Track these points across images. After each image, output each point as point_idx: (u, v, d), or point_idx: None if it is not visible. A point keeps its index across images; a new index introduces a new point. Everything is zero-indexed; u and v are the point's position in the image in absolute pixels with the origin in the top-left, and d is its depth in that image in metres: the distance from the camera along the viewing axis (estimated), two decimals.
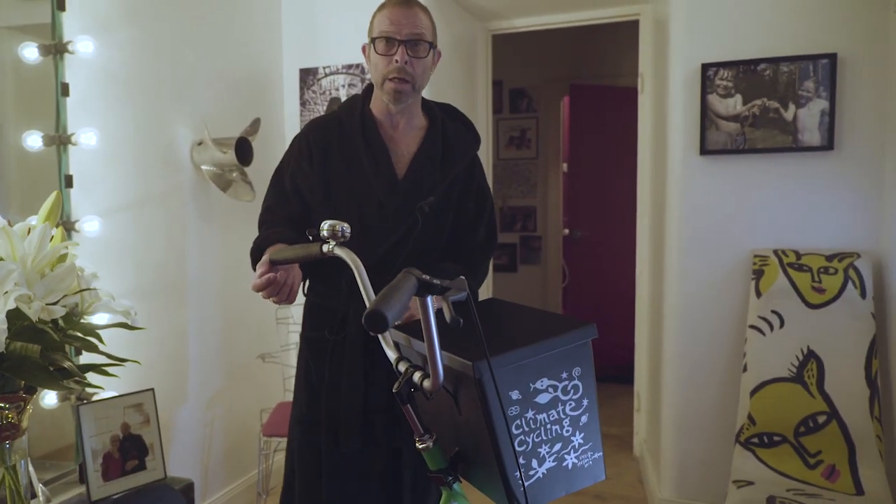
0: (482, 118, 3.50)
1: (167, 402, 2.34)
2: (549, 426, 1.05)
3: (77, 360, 1.57)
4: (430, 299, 0.93)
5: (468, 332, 0.97)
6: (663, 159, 2.69)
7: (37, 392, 1.43)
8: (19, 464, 1.39)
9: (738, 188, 2.42)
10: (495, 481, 1.04)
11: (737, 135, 2.39)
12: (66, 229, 1.87)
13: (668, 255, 2.58)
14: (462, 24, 3.26)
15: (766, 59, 2.34)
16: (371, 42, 1.49)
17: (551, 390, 1.04)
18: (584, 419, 1.07)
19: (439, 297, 0.96)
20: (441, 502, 1.11)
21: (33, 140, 1.83)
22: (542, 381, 1.03)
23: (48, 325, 1.35)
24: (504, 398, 0.99)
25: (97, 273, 1.46)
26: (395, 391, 1.06)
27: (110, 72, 2.04)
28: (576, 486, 1.09)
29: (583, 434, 1.08)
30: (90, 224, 1.91)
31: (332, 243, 1.18)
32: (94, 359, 1.49)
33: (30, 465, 1.47)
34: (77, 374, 1.39)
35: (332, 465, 1.51)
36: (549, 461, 1.05)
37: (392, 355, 1.11)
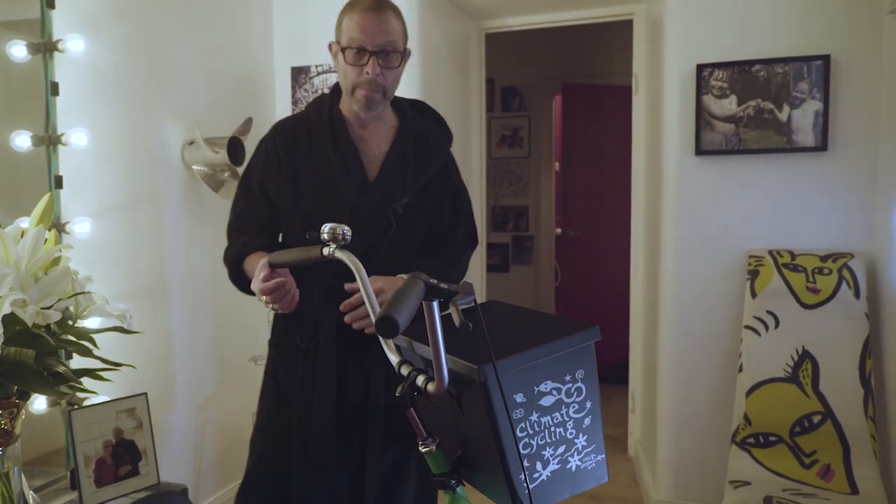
0: (475, 117, 3.51)
1: (158, 406, 2.33)
2: (552, 429, 1.06)
3: (68, 365, 1.56)
4: (435, 303, 0.94)
5: (471, 334, 0.98)
6: (658, 159, 2.72)
7: (30, 398, 1.43)
8: (13, 471, 1.38)
9: (733, 189, 2.45)
10: (499, 484, 1.05)
11: (731, 135, 2.42)
12: (56, 231, 1.85)
13: (663, 255, 2.61)
14: (455, 22, 3.27)
15: (761, 60, 2.37)
16: (340, 48, 1.44)
17: (555, 393, 1.06)
18: (587, 421, 1.09)
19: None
20: None
21: (22, 140, 1.82)
22: (545, 384, 1.05)
23: (43, 330, 1.35)
24: (508, 401, 1.00)
25: (91, 276, 1.45)
26: (398, 395, 1.07)
27: (100, 71, 2.03)
28: (579, 489, 1.11)
29: (586, 436, 1.09)
30: (81, 226, 1.90)
31: (333, 246, 1.19)
32: (87, 363, 1.49)
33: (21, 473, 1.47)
34: (72, 378, 1.39)
35: (300, 475, 1.50)
36: (553, 463, 1.07)
37: (394, 359, 1.12)
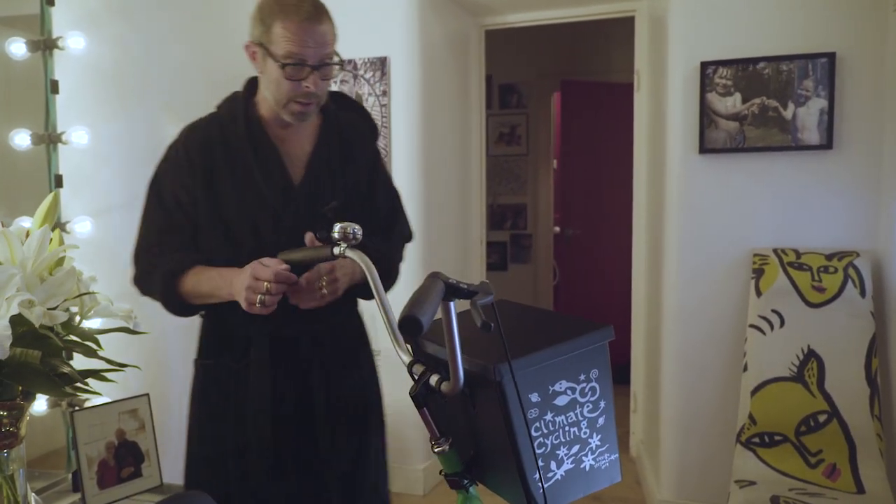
0: (475, 115, 3.52)
1: (158, 407, 2.32)
2: (567, 428, 1.07)
3: (73, 366, 1.56)
4: (452, 304, 0.95)
5: (483, 334, 1.00)
6: (661, 158, 2.74)
7: (34, 398, 1.43)
8: (17, 473, 1.38)
9: (737, 187, 2.48)
10: (513, 484, 1.06)
11: (736, 133, 2.44)
12: (60, 231, 1.85)
13: (666, 254, 2.63)
14: (455, 19, 3.28)
15: (766, 58, 2.39)
16: (270, 57, 1.34)
17: (569, 392, 1.07)
18: (601, 421, 1.10)
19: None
20: None
21: (21, 139, 1.82)
22: (560, 384, 1.06)
23: (49, 331, 1.35)
24: (524, 400, 1.01)
25: (95, 276, 1.45)
26: (411, 394, 1.08)
27: (100, 68, 2.03)
28: (593, 488, 1.12)
29: (600, 436, 1.10)
30: (82, 225, 1.90)
31: (344, 245, 1.19)
32: (90, 364, 1.49)
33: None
34: (78, 379, 1.39)
35: (243, 501, 1.45)
36: (568, 463, 1.08)
37: (406, 359, 1.13)
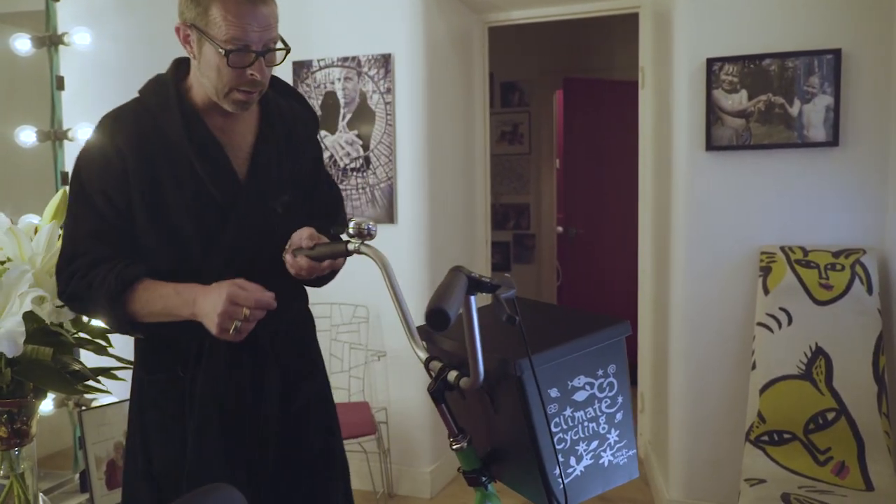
0: (479, 112, 3.54)
1: None
2: (586, 424, 1.09)
3: (84, 363, 1.57)
4: (473, 298, 0.96)
5: (503, 328, 1.01)
6: (667, 155, 2.76)
7: (45, 396, 1.44)
8: (28, 471, 1.40)
9: (743, 184, 2.50)
10: (532, 480, 1.07)
11: (742, 130, 2.47)
12: None
13: (673, 252, 2.65)
14: (458, 16, 3.29)
15: (772, 55, 2.42)
16: (207, 40, 1.22)
17: (588, 388, 1.08)
18: (618, 416, 1.12)
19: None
20: (475, 502, 1.15)
21: (27, 135, 1.83)
22: (579, 379, 1.07)
23: (60, 328, 1.36)
24: (543, 396, 1.02)
25: None
26: (429, 390, 1.10)
27: (105, 64, 2.04)
28: (611, 484, 1.13)
29: (618, 431, 1.12)
30: None
31: (358, 241, 1.20)
32: (97, 362, 1.50)
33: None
34: (90, 376, 1.41)
35: None
36: (587, 459, 1.09)
37: (422, 355, 1.15)
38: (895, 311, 2.32)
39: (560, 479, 1.05)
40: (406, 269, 2.90)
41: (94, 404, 1.81)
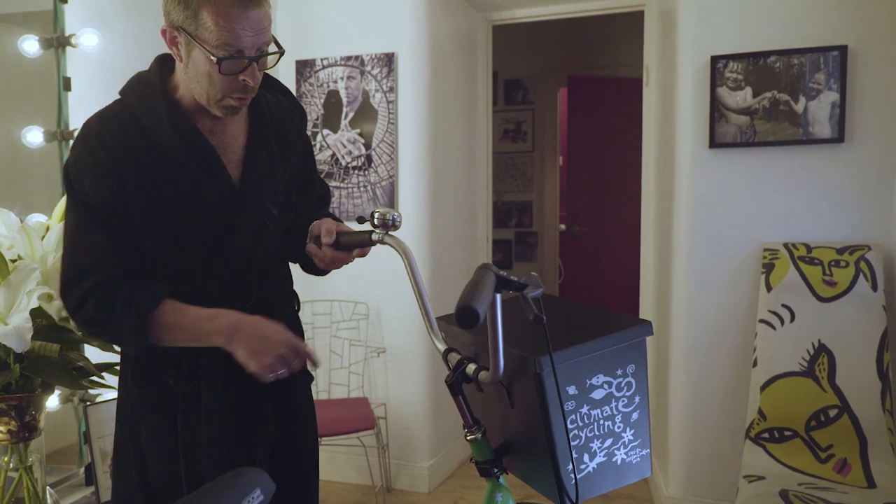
0: (482, 111, 3.57)
1: None
2: (601, 421, 1.11)
3: (89, 360, 1.62)
4: (499, 295, 0.98)
5: (523, 324, 1.02)
6: (671, 153, 2.78)
7: (52, 391, 1.49)
8: (37, 464, 1.44)
9: (747, 181, 2.52)
10: (544, 474, 1.10)
11: (746, 128, 2.49)
12: None
13: (675, 249, 2.68)
14: (462, 14, 3.33)
15: (776, 52, 2.44)
16: (196, 44, 1.18)
17: (606, 386, 1.10)
18: (635, 416, 1.14)
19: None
20: (486, 493, 1.17)
21: (34, 136, 1.88)
22: (597, 377, 1.09)
23: (67, 324, 1.41)
24: (562, 393, 1.04)
25: None
26: (447, 382, 1.12)
27: (111, 65, 2.09)
28: (623, 482, 1.15)
29: (633, 430, 1.14)
30: None
31: (382, 232, 1.22)
32: (102, 358, 1.55)
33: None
34: (94, 372, 1.45)
35: None
36: (600, 456, 1.12)
37: (441, 347, 1.18)
38: None
39: (573, 475, 1.07)
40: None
41: (99, 399, 1.85)
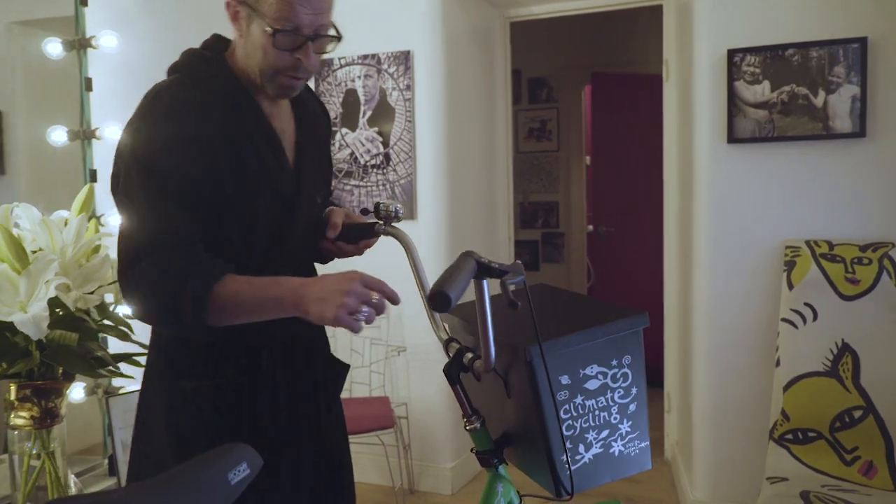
0: (501, 110, 3.61)
1: None
2: (597, 412, 1.13)
3: (107, 349, 1.70)
4: (486, 282, 1.02)
5: (521, 316, 1.05)
6: (690, 149, 2.79)
7: (73, 379, 1.57)
8: (59, 450, 1.52)
9: (767, 177, 2.51)
10: (541, 465, 1.12)
11: (765, 122, 2.49)
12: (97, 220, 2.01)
13: (696, 247, 2.68)
14: (479, 11, 3.37)
15: (795, 44, 2.43)
16: (258, 19, 1.18)
17: (601, 377, 1.12)
18: (632, 407, 1.15)
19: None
20: (486, 484, 1.20)
21: (58, 135, 1.98)
22: (591, 368, 1.11)
23: (86, 314, 1.49)
24: (553, 382, 1.07)
25: None
26: (444, 371, 1.16)
27: (132, 65, 2.18)
28: (621, 474, 1.17)
29: (630, 422, 1.15)
30: (115, 218, 2.04)
31: (382, 224, 1.28)
32: (121, 348, 1.62)
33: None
34: (111, 362, 1.53)
35: None
36: (596, 447, 1.14)
37: (443, 336, 1.22)
38: None
39: (567, 466, 1.10)
40: (426, 266, 2.97)
41: (122, 391, 1.94)
